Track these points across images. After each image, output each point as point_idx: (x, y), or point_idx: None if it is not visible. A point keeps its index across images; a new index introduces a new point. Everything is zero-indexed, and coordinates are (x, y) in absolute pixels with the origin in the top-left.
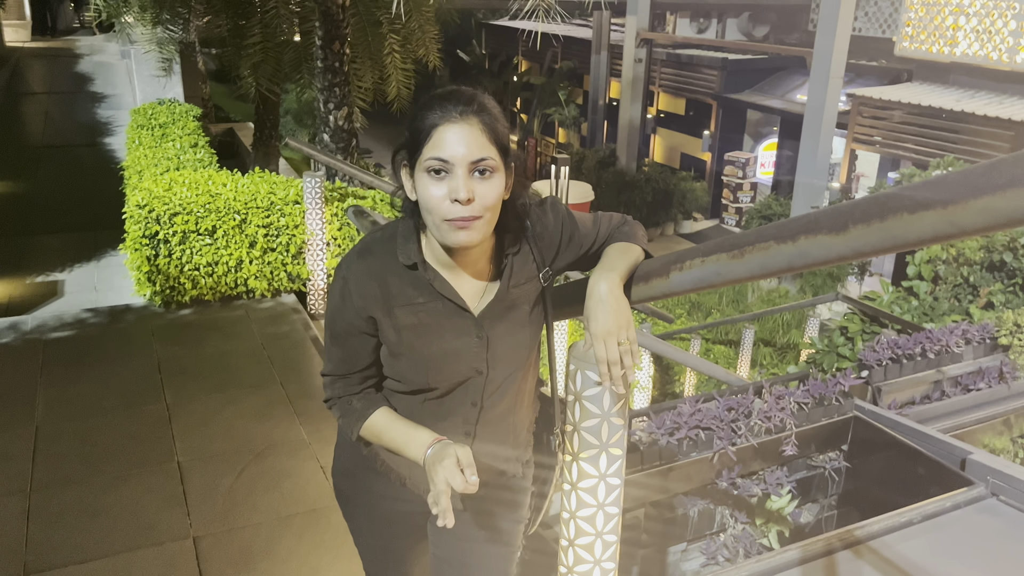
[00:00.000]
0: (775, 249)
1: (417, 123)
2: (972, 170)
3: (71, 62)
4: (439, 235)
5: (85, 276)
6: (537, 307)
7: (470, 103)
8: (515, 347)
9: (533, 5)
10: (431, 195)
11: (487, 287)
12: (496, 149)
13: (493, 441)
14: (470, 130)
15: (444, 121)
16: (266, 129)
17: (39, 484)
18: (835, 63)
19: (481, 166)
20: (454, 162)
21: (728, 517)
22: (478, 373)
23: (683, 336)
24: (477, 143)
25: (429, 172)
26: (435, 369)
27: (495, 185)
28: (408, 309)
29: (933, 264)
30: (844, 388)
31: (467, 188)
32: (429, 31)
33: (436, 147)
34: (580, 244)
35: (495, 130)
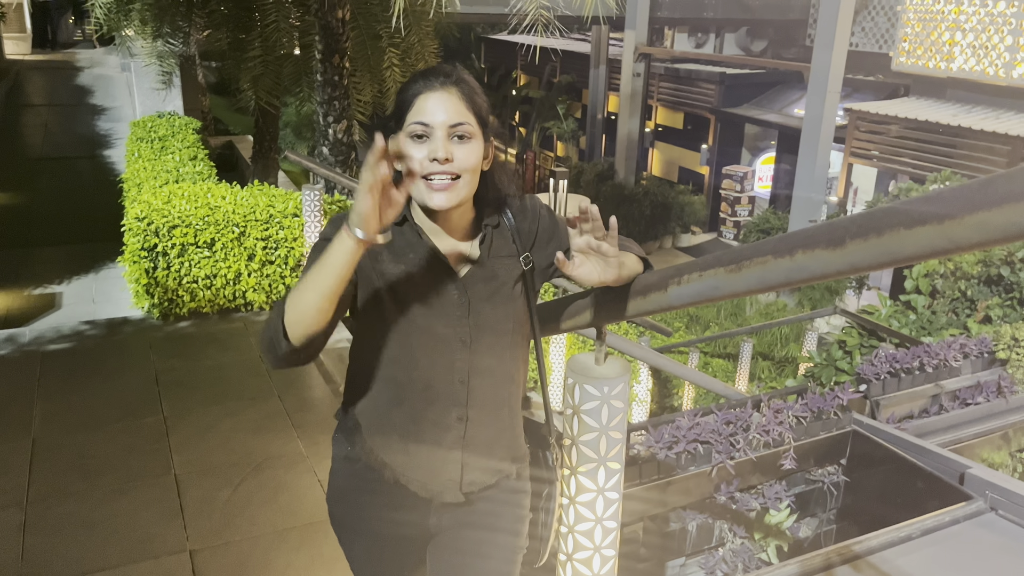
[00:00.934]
0: (773, 264)
1: (402, 95)
2: (968, 186)
3: (71, 75)
4: (419, 196)
5: (83, 288)
6: (518, 289)
7: (450, 75)
8: (497, 320)
9: (532, 19)
10: (412, 157)
11: (468, 254)
12: (474, 116)
13: (488, 431)
14: (449, 97)
15: (426, 89)
16: (265, 142)
17: (36, 497)
18: (832, 78)
19: (459, 131)
20: (434, 125)
21: (727, 531)
22: (462, 343)
23: (682, 349)
24: (455, 109)
25: (412, 137)
26: (417, 327)
27: (473, 149)
28: (395, 258)
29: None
30: (843, 402)
31: (445, 149)
32: (428, 45)
33: (418, 113)
34: (560, 242)
35: (473, 100)
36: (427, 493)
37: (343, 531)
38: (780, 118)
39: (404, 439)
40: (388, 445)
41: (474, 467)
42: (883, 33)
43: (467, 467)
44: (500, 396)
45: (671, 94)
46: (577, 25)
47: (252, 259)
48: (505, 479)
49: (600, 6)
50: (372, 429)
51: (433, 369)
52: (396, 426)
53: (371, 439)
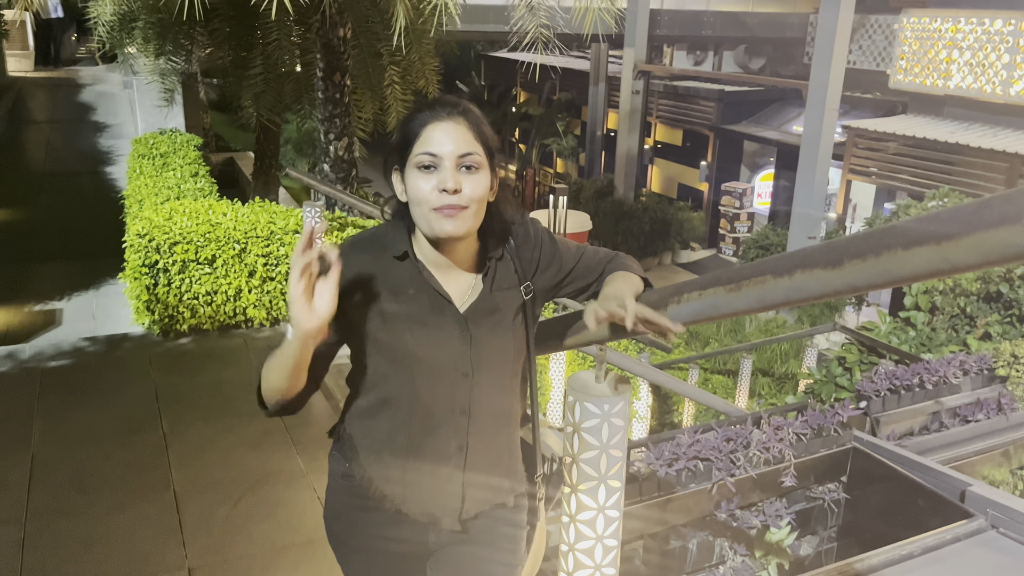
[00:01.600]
0: (772, 283)
1: (407, 125)
2: (965, 207)
3: (73, 92)
4: (427, 226)
5: (84, 304)
6: (519, 319)
7: (456, 105)
8: (499, 351)
9: (532, 37)
10: (420, 188)
11: (472, 288)
12: (481, 147)
13: (487, 459)
14: (457, 127)
15: (433, 120)
16: (266, 159)
17: (34, 513)
18: (830, 95)
19: (467, 161)
20: (442, 155)
21: (727, 549)
22: (463, 376)
23: (681, 366)
24: (464, 139)
25: (419, 168)
26: (420, 364)
27: (481, 180)
28: (396, 298)
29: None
30: (843, 419)
31: (455, 179)
32: (429, 63)
33: (425, 143)
34: (561, 265)
35: (480, 130)
36: (426, 519)
37: (340, 548)
38: (779, 135)
39: (403, 468)
40: (387, 475)
41: (473, 495)
42: (881, 51)
43: (467, 495)
44: (500, 424)
45: (670, 111)
46: (576, 43)
47: (253, 275)
48: (502, 507)
49: (599, 24)
50: (370, 457)
51: (433, 401)
52: (395, 455)
53: (369, 467)
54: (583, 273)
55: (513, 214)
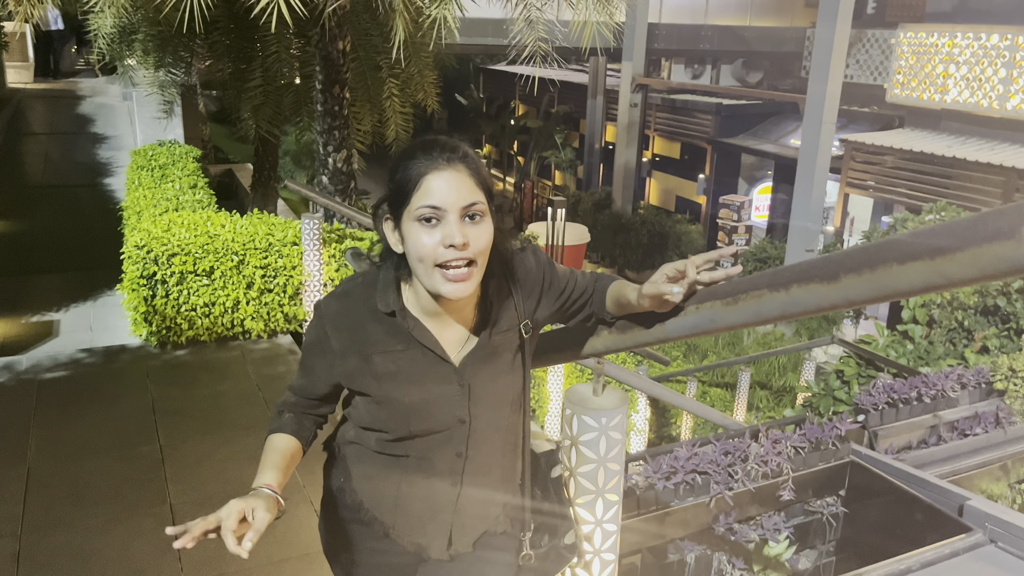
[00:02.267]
0: (768, 297)
1: (403, 174)
2: (959, 222)
3: (73, 103)
4: (431, 284)
5: (81, 316)
6: (517, 358)
7: (455, 150)
8: (498, 394)
9: (531, 51)
10: (423, 243)
11: (469, 334)
12: (484, 194)
13: (483, 491)
14: (459, 176)
15: (432, 169)
16: (265, 171)
17: (30, 527)
18: (828, 109)
19: (472, 211)
20: (446, 208)
21: (725, 563)
22: (460, 422)
23: (680, 379)
24: (467, 188)
25: (420, 221)
26: (416, 418)
27: (486, 229)
28: (386, 356)
29: (928, 308)
30: (840, 432)
31: (462, 233)
32: (428, 76)
33: (426, 195)
34: (561, 289)
35: (481, 175)
36: (413, 548)
37: (335, 561)
38: (776, 148)
39: (395, 499)
40: (379, 504)
41: (466, 529)
42: (877, 65)
43: (457, 529)
44: (496, 461)
45: (668, 124)
46: (575, 56)
47: (251, 287)
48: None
49: (598, 38)
50: (363, 482)
51: (429, 445)
52: (388, 486)
53: (361, 490)
54: (578, 295)
55: (510, 244)
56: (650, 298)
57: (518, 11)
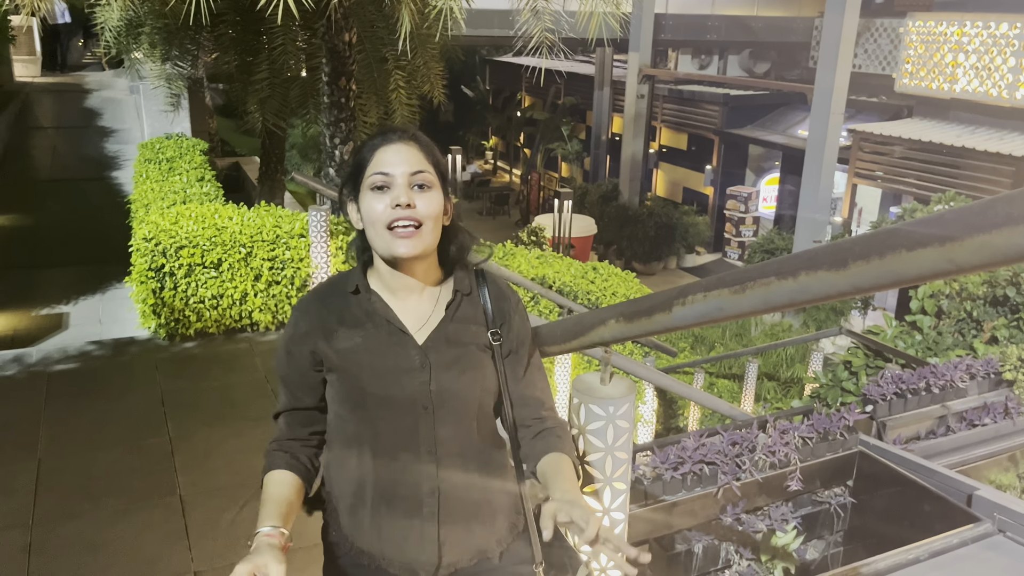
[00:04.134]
0: (776, 285)
1: (358, 154)
2: (969, 208)
3: (80, 97)
4: (383, 246)
5: (90, 309)
6: (486, 358)
7: (406, 131)
8: (462, 386)
9: (537, 42)
10: (374, 208)
11: (432, 315)
12: (432, 167)
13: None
14: (407, 148)
15: (384, 143)
16: (272, 163)
17: (41, 518)
18: (836, 99)
19: (419, 179)
20: (394, 174)
21: (733, 553)
22: (424, 409)
23: (687, 370)
24: (414, 158)
25: (373, 189)
26: (376, 396)
27: (433, 198)
28: (350, 332)
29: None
30: (849, 423)
31: (407, 195)
32: (434, 68)
33: (377, 164)
34: (518, 337)
35: (431, 152)
36: (406, 573)
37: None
38: (784, 139)
39: (376, 516)
40: (360, 526)
41: (453, 545)
42: (886, 55)
43: (445, 544)
44: (474, 469)
45: (675, 115)
46: (581, 47)
47: (258, 279)
48: (487, 561)
49: (604, 28)
50: (345, 512)
51: (397, 438)
52: (367, 504)
53: (345, 521)
54: (517, 363)
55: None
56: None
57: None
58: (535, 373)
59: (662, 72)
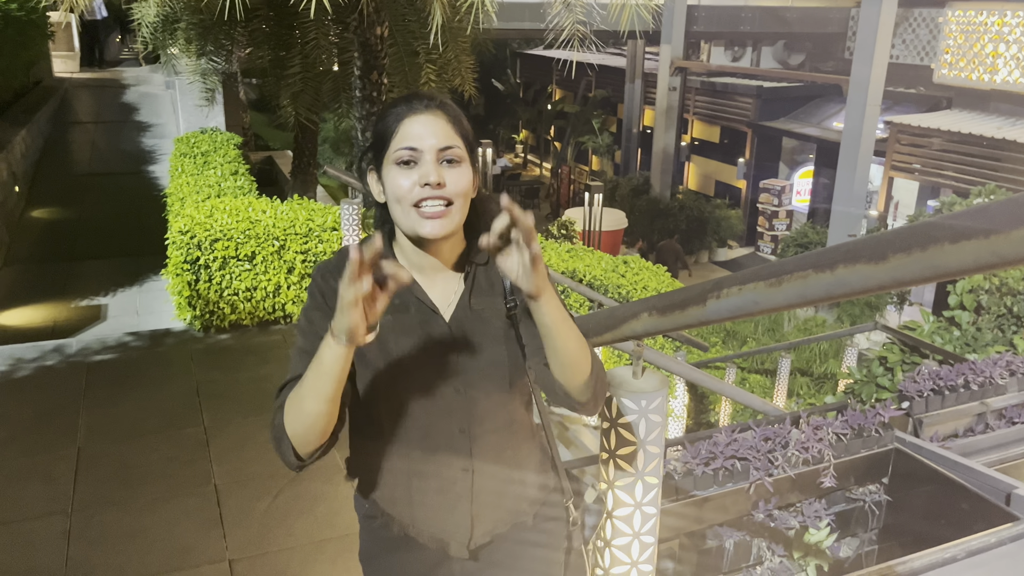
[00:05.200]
0: (813, 278)
1: (382, 122)
2: (1015, 199)
3: (117, 92)
4: (409, 225)
5: (128, 300)
6: (511, 330)
7: (433, 99)
8: (490, 363)
9: (569, 34)
10: (400, 184)
11: (454, 293)
12: (462, 140)
13: (496, 481)
14: (436, 120)
15: (410, 113)
16: (304, 157)
17: (80, 505)
18: (872, 90)
19: (449, 155)
20: (423, 149)
21: (765, 549)
22: (455, 391)
23: (718, 365)
24: (444, 132)
25: (398, 164)
26: (406, 377)
27: (463, 173)
28: None
29: (975, 294)
30: (884, 419)
31: (437, 172)
32: (465, 61)
33: (404, 138)
34: None
35: (460, 123)
36: (435, 544)
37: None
38: (818, 131)
39: (408, 491)
40: (393, 498)
41: (486, 518)
42: (924, 45)
43: (477, 519)
44: (505, 442)
45: (707, 108)
46: (613, 40)
47: (291, 272)
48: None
49: (636, 20)
50: (376, 482)
51: (428, 418)
52: (399, 479)
53: (376, 492)
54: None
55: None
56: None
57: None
58: None
59: (694, 64)
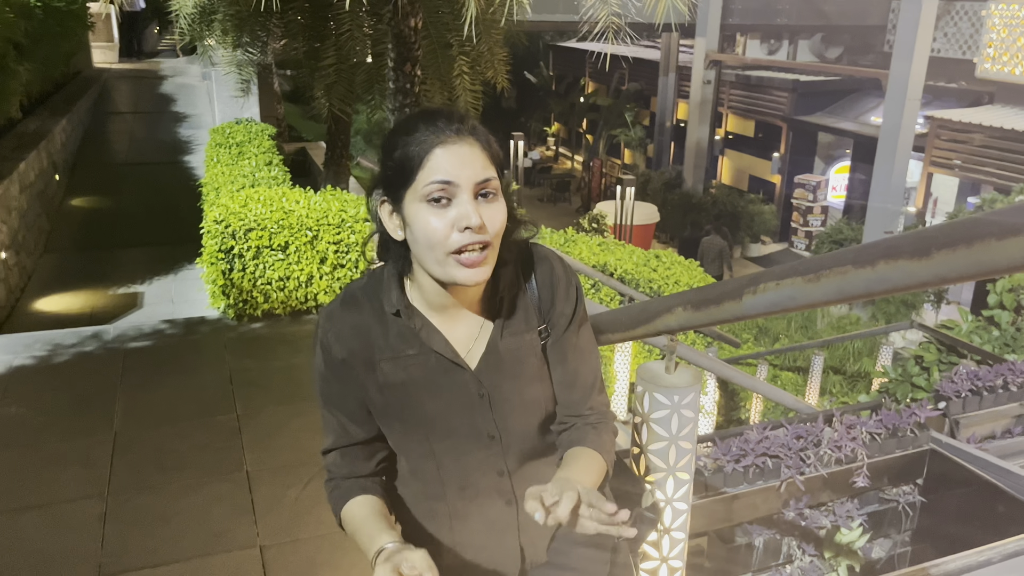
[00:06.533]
0: (853, 274)
1: (404, 150)
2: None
3: (155, 83)
4: (443, 273)
5: (163, 288)
6: (543, 365)
7: (464, 121)
8: (525, 405)
9: (603, 27)
10: (433, 227)
11: (480, 331)
12: (495, 170)
13: None
14: (470, 149)
15: (440, 142)
16: (337, 148)
17: (116, 488)
18: (912, 85)
19: (485, 188)
20: (459, 184)
21: (795, 548)
22: (490, 438)
23: (750, 361)
24: (480, 163)
25: (428, 201)
26: (436, 433)
27: (500, 209)
28: (395, 363)
29: (1016, 293)
30: (920, 419)
31: (478, 214)
32: (498, 53)
33: (435, 171)
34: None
35: (492, 150)
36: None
37: None
38: (856, 126)
39: (451, 534)
40: (437, 546)
41: (537, 547)
42: (967, 39)
43: (527, 547)
44: (548, 469)
45: (742, 101)
46: (647, 32)
47: (324, 262)
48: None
49: (672, 12)
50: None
51: (465, 469)
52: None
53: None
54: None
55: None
56: None
57: None
58: (579, 358)
59: (729, 58)
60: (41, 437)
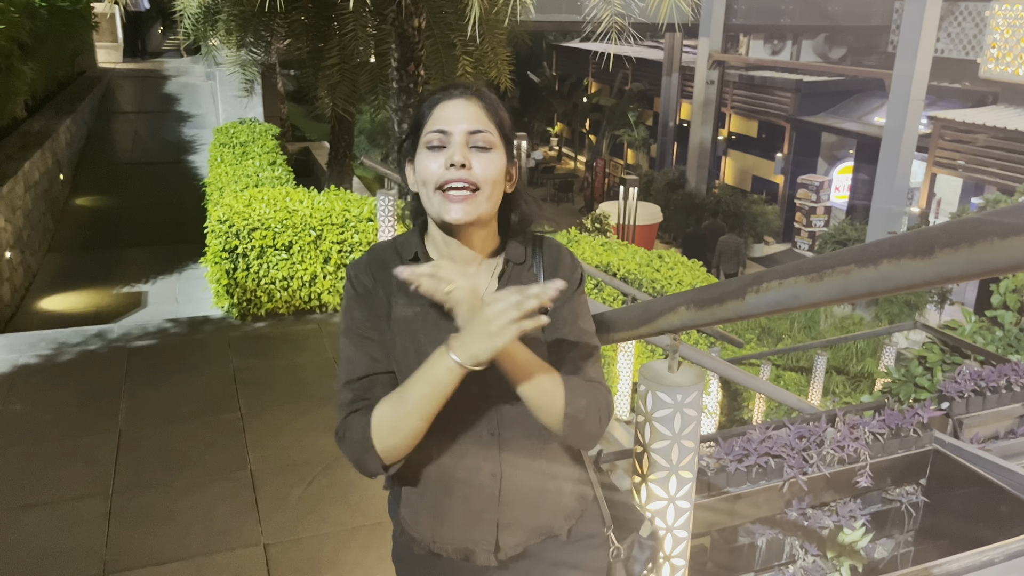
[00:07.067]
0: (856, 273)
1: (418, 111)
2: None
3: (159, 83)
4: (435, 210)
5: (167, 288)
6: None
7: (469, 87)
8: None
9: (606, 27)
10: (428, 166)
11: (485, 288)
12: (495, 127)
13: (526, 488)
14: (469, 104)
15: (444, 99)
16: (341, 148)
17: (120, 487)
18: (916, 85)
19: (479, 139)
20: (451, 130)
21: (798, 548)
22: (482, 389)
23: (753, 362)
24: (475, 115)
25: (429, 148)
26: None
27: (493, 160)
28: (407, 301)
29: (1019, 293)
30: (923, 420)
31: (463, 154)
32: (501, 53)
33: (435, 121)
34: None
35: (495, 111)
36: (458, 555)
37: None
38: (859, 127)
39: (433, 499)
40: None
41: (515, 527)
42: (970, 39)
43: (505, 527)
44: (538, 450)
45: (745, 102)
46: (650, 32)
47: (327, 262)
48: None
49: (675, 12)
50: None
51: (457, 419)
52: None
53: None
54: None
55: (535, 210)
56: None
57: None
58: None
59: (733, 58)
60: (46, 435)
